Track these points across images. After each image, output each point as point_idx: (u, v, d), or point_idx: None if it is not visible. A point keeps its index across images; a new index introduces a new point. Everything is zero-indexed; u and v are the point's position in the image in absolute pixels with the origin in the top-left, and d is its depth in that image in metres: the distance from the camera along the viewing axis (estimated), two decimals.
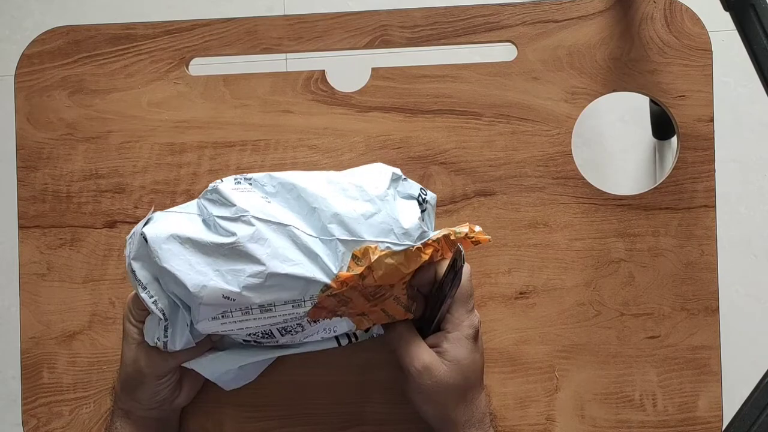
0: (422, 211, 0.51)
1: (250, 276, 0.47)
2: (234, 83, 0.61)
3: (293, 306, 0.48)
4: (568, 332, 0.59)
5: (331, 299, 0.49)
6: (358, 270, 0.47)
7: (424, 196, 0.52)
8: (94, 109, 0.61)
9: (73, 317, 0.61)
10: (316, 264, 0.48)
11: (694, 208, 0.59)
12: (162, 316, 0.50)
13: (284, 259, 0.47)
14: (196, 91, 0.61)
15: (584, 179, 0.60)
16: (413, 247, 0.48)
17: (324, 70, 0.61)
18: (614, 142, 1.16)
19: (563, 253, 0.59)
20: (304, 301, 0.48)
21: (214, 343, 0.55)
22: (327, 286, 0.47)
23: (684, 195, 0.59)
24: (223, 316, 0.49)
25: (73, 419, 0.61)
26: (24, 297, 0.61)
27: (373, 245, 0.48)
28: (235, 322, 0.49)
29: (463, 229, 0.50)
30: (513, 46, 0.60)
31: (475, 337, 0.51)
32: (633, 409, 0.59)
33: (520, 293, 0.60)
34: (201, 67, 0.62)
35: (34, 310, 0.61)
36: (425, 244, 0.49)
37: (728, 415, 0.51)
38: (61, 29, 0.62)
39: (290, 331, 0.51)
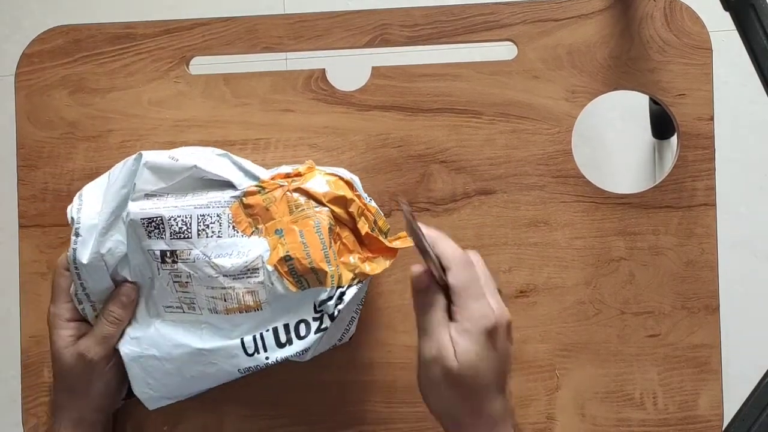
0: None
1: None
2: (234, 82, 0.61)
3: (223, 192, 0.54)
4: (569, 331, 0.59)
5: (257, 200, 0.53)
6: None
7: None
8: (95, 108, 0.61)
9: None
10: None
11: (694, 207, 0.59)
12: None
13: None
14: (196, 90, 0.61)
15: (584, 178, 0.60)
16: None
17: (324, 69, 0.61)
18: (614, 140, 1.16)
19: (564, 251, 0.59)
20: (236, 190, 0.53)
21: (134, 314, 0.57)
22: (260, 182, 0.53)
23: (684, 193, 0.59)
24: (158, 197, 0.54)
25: None
26: (24, 296, 0.61)
27: None
28: (167, 207, 0.53)
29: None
30: (513, 45, 0.60)
31: (491, 332, 0.44)
32: (633, 407, 0.59)
33: (521, 292, 0.59)
34: (201, 66, 0.62)
35: (34, 310, 0.61)
36: None
37: (728, 414, 0.51)
38: (61, 28, 0.62)
39: (207, 231, 0.53)
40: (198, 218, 0.53)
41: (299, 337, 0.53)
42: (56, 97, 0.62)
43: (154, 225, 0.54)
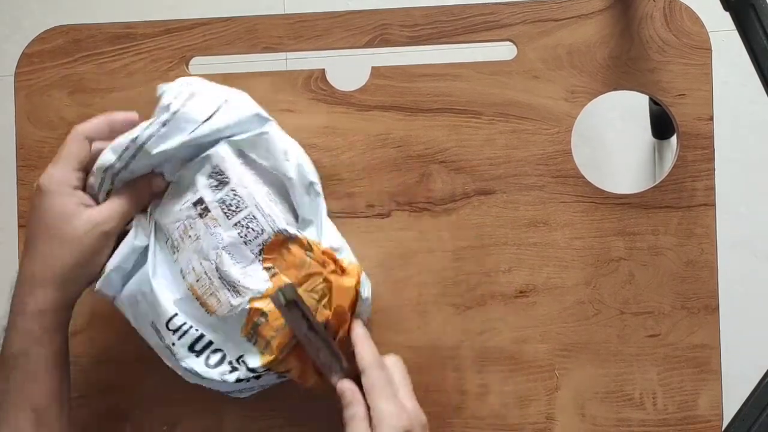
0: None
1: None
2: (234, 82, 0.61)
3: (285, 215, 0.54)
4: (569, 331, 0.59)
5: (299, 254, 0.53)
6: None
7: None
8: (95, 108, 0.61)
9: (72, 317, 0.61)
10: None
11: (694, 207, 0.59)
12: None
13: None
14: None
15: (584, 178, 0.60)
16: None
17: (324, 69, 0.61)
18: (614, 140, 1.16)
19: (563, 251, 0.59)
20: (292, 227, 0.54)
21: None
22: (316, 245, 0.53)
23: (684, 193, 0.59)
24: (245, 161, 0.55)
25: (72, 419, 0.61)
26: None
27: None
28: (240, 176, 0.54)
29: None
30: (513, 45, 0.60)
31: None
32: (633, 407, 0.59)
33: (520, 292, 0.60)
34: (201, 66, 0.62)
35: None
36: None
37: (728, 414, 0.51)
38: (61, 28, 0.62)
39: (243, 228, 0.53)
40: (248, 213, 0.53)
41: (210, 364, 0.53)
42: (56, 97, 0.62)
43: (219, 178, 0.54)
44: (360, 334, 0.52)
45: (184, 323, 0.53)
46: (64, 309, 0.53)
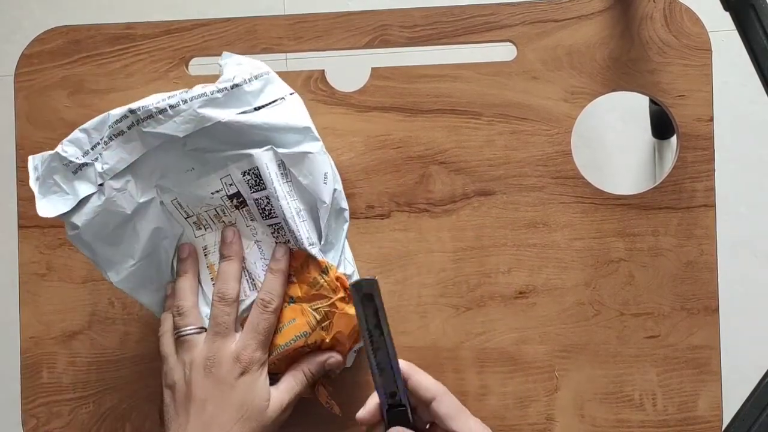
0: None
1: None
2: None
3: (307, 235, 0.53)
4: (568, 332, 0.59)
5: (313, 275, 0.53)
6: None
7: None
8: (94, 109, 0.61)
9: (72, 317, 0.61)
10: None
11: (694, 208, 0.59)
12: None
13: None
14: None
15: (584, 179, 0.60)
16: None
17: (324, 70, 0.61)
18: (614, 141, 1.16)
19: (563, 252, 0.59)
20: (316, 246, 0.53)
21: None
22: (331, 273, 0.53)
23: (684, 194, 0.59)
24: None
25: (72, 419, 0.61)
26: (24, 297, 0.61)
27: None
28: (282, 188, 0.53)
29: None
30: (513, 46, 0.60)
31: None
32: (633, 408, 0.59)
33: (520, 293, 0.60)
34: (201, 66, 0.62)
35: (34, 310, 0.61)
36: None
37: (728, 415, 0.51)
38: (61, 29, 0.62)
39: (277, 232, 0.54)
40: (277, 223, 0.53)
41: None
42: (56, 98, 0.62)
43: (255, 181, 0.53)
44: (413, 366, 0.52)
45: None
46: None
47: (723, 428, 0.54)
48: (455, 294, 0.60)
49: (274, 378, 0.54)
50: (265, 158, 0.52)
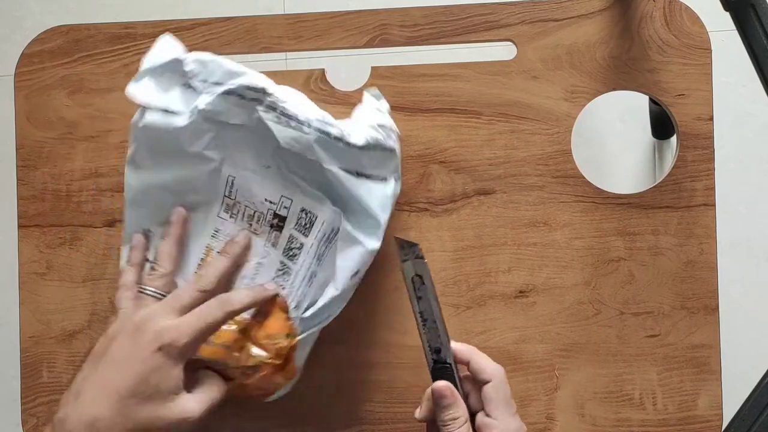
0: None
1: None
2: None
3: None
4: (568, 331, 0.59)
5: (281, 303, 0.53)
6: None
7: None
8: (94, 108, 0.61)
9: (72, 316, 0.61)
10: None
11: (694, 207, 0.59)
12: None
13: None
14: None
15: (584, 178, 0.60)
16: None
17: (324, 69, 0.61)
18: (614, 140, 1.16)
19: (563, 251, 0.59)
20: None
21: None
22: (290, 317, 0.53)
23: (683, 194, 0.59)
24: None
25: None
26: (24, 296, 0.61)
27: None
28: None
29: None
30: (513, 45, 0.60)
31: None
32: (633, 407, 0.59)
33: (520, 292, 0.60)
34: None
35: (34, 310, 0.61)
36: None
37: (728, 414, 0.51)
38: (61, 28, 0.62)
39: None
40: (290, 269, 0.54)
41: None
42: (55, 98, 0.62)
43: (306, 227, 0.53)
44: (474, 348, 0.50)
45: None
46: None
47: (723, 428, 0.54)
48: (455, 293, 0.60)
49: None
50: (329, 216, 0.53)
